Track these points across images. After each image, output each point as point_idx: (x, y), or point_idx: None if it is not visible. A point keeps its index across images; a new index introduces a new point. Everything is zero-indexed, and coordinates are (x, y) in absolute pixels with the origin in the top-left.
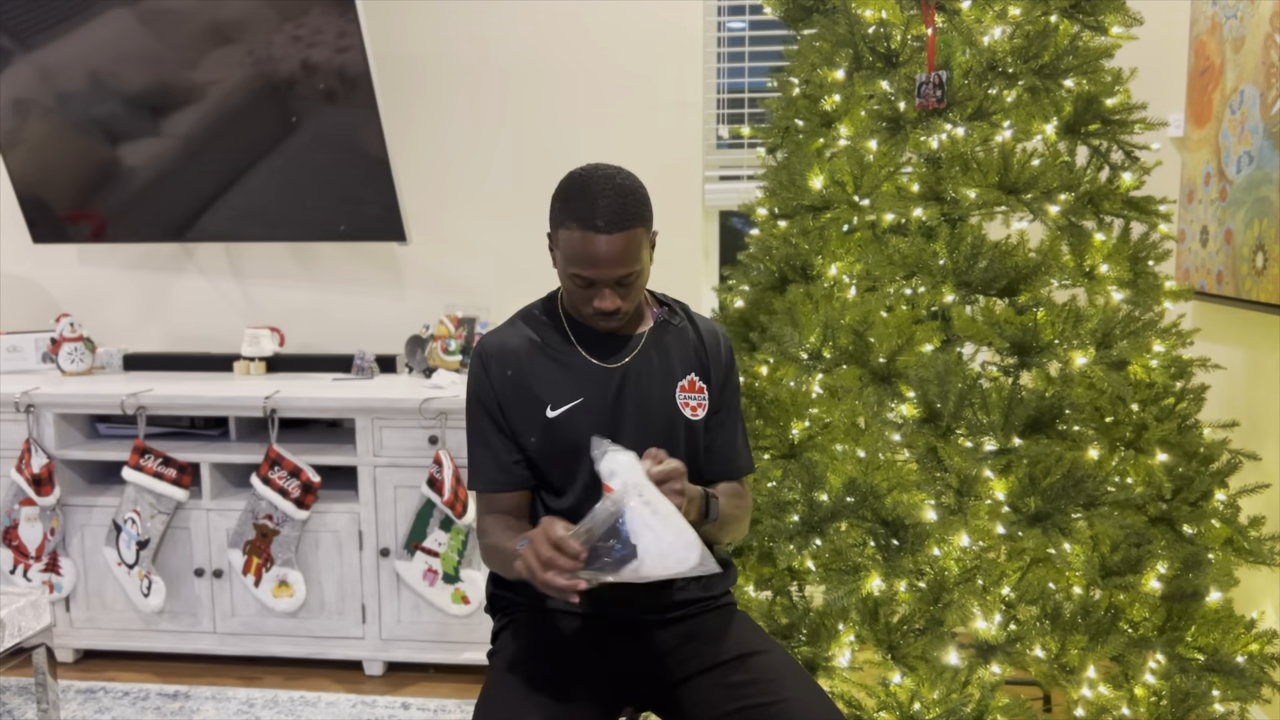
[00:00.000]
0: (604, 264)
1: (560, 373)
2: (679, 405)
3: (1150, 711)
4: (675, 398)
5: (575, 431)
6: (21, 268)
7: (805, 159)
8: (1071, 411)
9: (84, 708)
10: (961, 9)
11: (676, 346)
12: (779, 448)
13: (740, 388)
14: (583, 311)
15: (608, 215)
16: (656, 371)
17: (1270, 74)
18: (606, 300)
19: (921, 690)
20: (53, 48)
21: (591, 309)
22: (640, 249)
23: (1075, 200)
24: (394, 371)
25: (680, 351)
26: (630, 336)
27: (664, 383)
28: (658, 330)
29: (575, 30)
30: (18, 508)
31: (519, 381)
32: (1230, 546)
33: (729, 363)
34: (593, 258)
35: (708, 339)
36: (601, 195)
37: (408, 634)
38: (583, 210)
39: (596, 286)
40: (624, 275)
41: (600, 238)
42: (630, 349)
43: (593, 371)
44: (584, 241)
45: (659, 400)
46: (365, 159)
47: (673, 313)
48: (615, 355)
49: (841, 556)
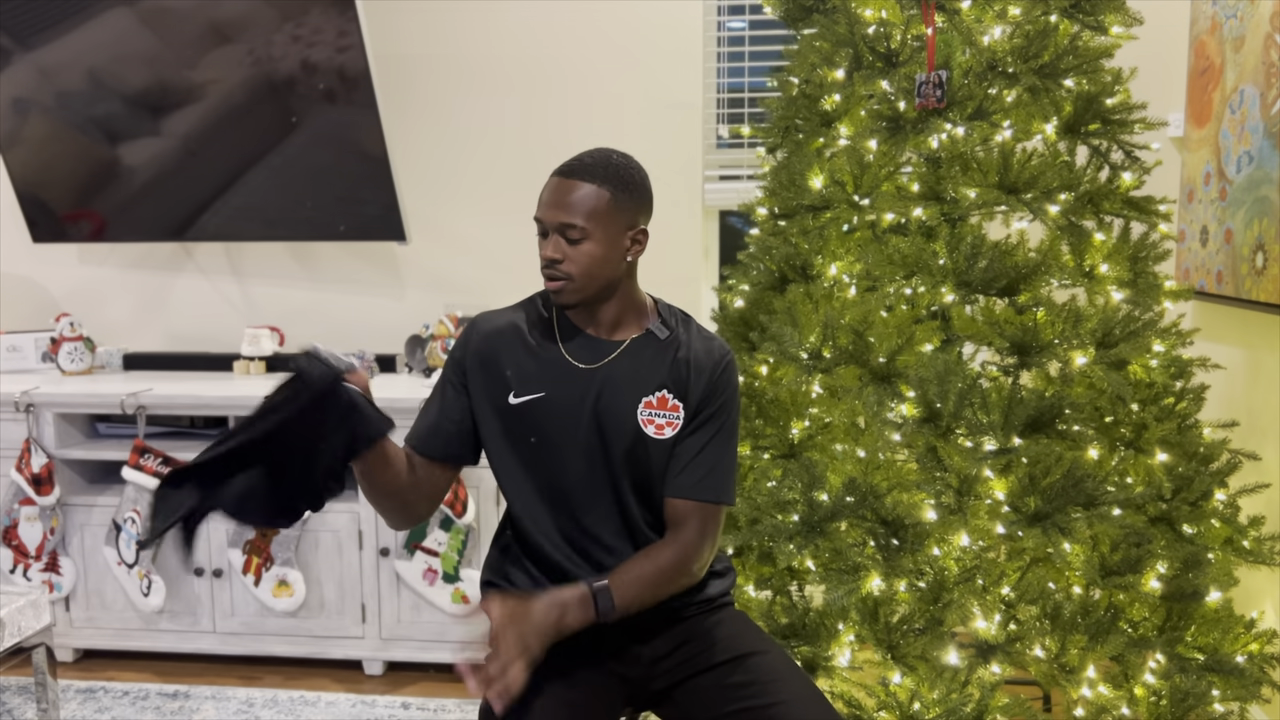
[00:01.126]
0: (547, 203)
1: (533, 363)
2: (640, 420)
3: (1150, 711)
4: (637, 412)
5: (534, 424)
6: (21, 267)
7: (805, 159)
8: (1071, 411)
9: (84, 707)
10: (961, 9)
11: (655, 360)
12: (779, 448)
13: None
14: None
15: (570, 165)
16: (627, 382)
17: (1270, 74)
18: (548, 247)
19: (921, 690)
20: (53, 47)
21: (543, 261)
22: (588, 208)
23: (1075, 200)
24: (394, 371)
25: (657, 365)
26: (613, 342)
27: (630, 394)
28: (641, 340)
29: (575, 30)
30: (18, 507)
31: (493, 359)
32: (1230, 546)
33: (720, 385)
34: (543, 198)
35: (700, 358)
36: (584, 154)
37: (408, 634)
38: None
39: (545, 237)
40: (565, 224)
41: (555, 179)
42: (607, 354)
43: (565, 369)
44: (545, 186)
45: (621, 411)
46: (365, 159)
47: (665, 326)
48: (593, 358)
49: (841, 556)
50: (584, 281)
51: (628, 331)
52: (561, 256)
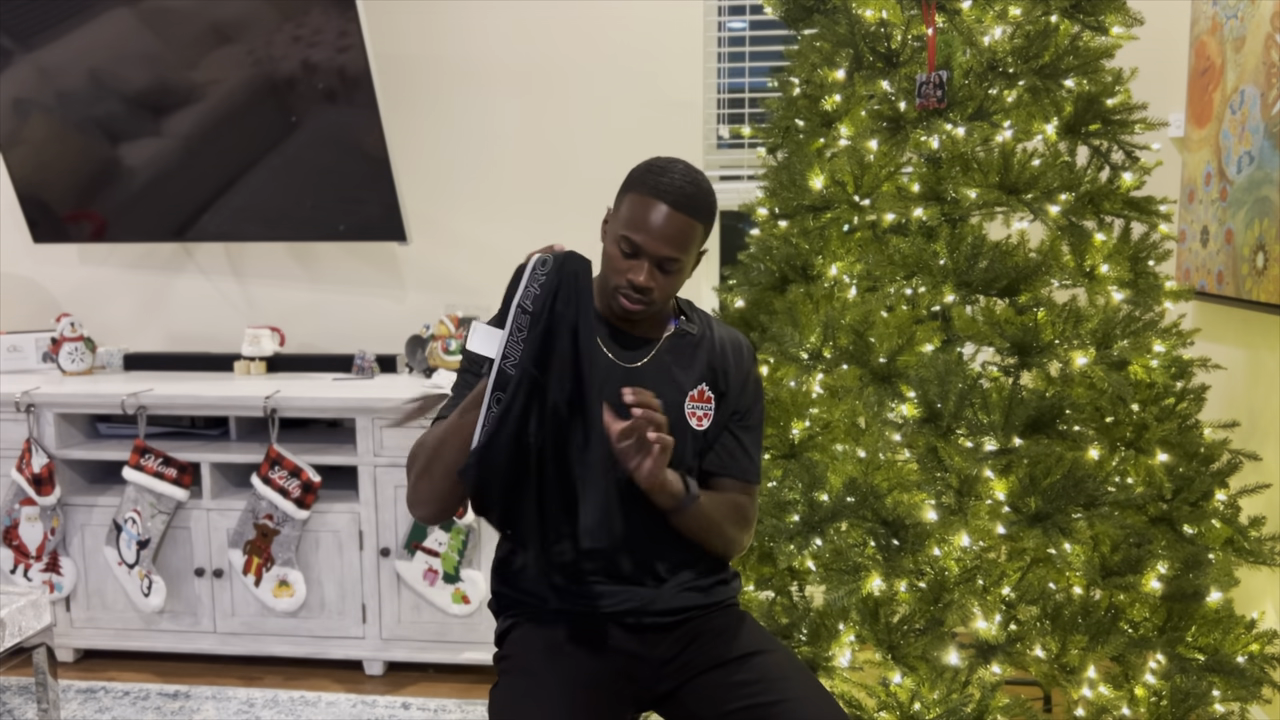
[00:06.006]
0: (656, 235)
1: None
2: (686, 414)
3: (1150, 712)
4: (684, 405)
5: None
6: (22, 267)
7: (805, 159)
8: (1072, 411)
9: (84, 707)
10: (962, 9)
11: (693, 355)
12: (779, 448)
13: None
14: (613, 283)
15: (677, 195)
16: (669, 378)
17: (1271, 74)
18: (643, 275)
19: (922, 690)
20: (53, 48)
21: (625, 281)
22: (691, 244)
23: (1075, 200)
24: (394, 371)
25: (696, 361)
26: (649, 340)
27: (675, 390)
28: (676, 338)
29: (575, 30)
30: (18, 507)
31: None
32: (1230, 546)
33: (749, 374)
34: (649, 225)
35: (729, 350)
36: (680, 177)
37: (408, 634)
38: (659, 183)
39: (640, 258)
40: (668, 258)
41: (664, 207)
42: (647, 351)
43: (606, 367)
44: (646, 206)
45: (667, 407)
46: (365, 159)
47: (691, 321)
48: (632, 355)
49: (842, 556)
50: (661, 304)
51: (658, 328)
52: (654, 286)
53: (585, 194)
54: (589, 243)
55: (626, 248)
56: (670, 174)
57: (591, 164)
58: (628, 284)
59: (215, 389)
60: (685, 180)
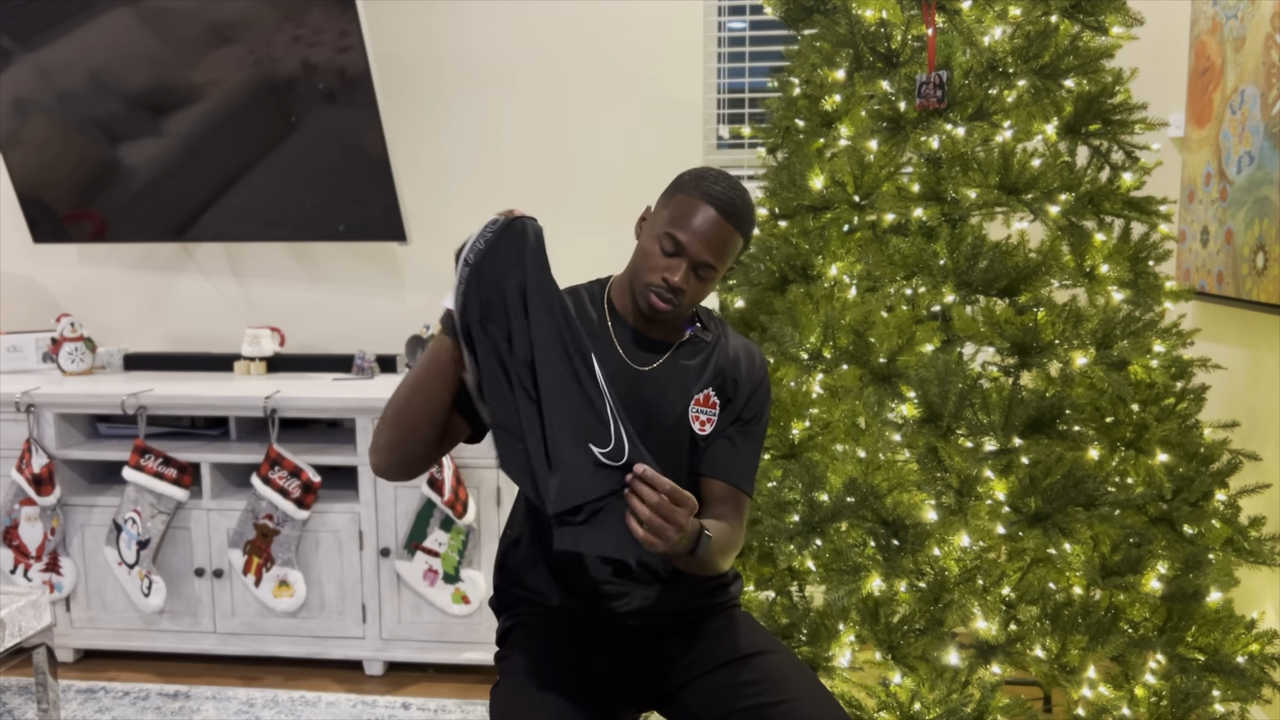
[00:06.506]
0: (700, 236)
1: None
2: (689, 418)
3: (1150, 712)
4: (688, 409)
5: None
6: (22, 267)
7: (805, 159)
8: (1072, 412)
9: (84, 708)
10: (962, 9)
11: (703, 361)
12: (779, 448)
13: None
14: (645, 279)
15: (727, 204)
16: (678, 382)
17: (1271, 74)
18: (679, 275)
19: (922, 690)
20: (53, 48)
21: (660, 279)
22: (728, 255)
23: (1075, 200)
24: (394, 371)
25: (704, 366)
26: (663, 343)
27: (682, 393)
28: (689, 344)
29: (575, 30)
30: (18, 507)
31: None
32: (1231, 547)
33: (758, 384)
34: (694, 225)
35: (741, 358)
36: (731, 189)
37: (408, 634)
38: (710, 189)
39: (679, 257)
40: (706, 263)
41: (711, 211)
42: (659, 355)
43: (618, 368)
44: (694, 208)
45: (672, 409)
46: (365, 159)
47: (705, 329)
48: (645, 358)
49: (842, 556)
50: (689, 308)
51: (674, 333)
52: (686, 289)
53: (586, 193)
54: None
55: (669, 245)
56: (722, 183)
57: (592, 164)
58: (663, 282)
59: (215, 389)
60: (735, 193)
